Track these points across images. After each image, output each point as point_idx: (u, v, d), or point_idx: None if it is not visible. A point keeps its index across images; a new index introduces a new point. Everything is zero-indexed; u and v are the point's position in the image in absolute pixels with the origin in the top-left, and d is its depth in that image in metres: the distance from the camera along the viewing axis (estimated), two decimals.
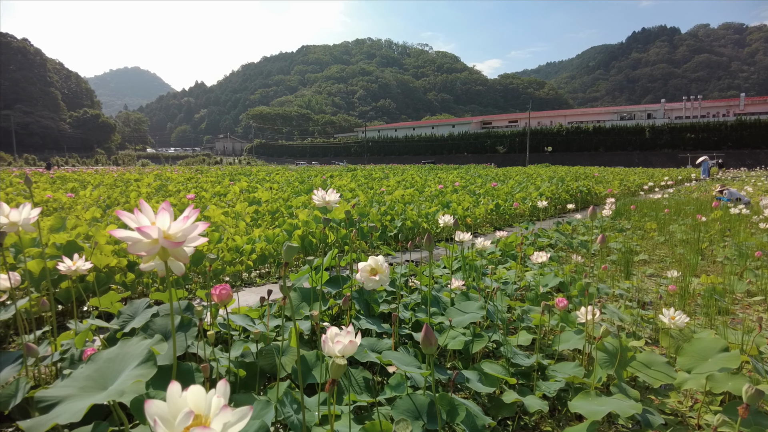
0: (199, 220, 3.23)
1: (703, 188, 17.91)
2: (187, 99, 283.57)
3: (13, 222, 1.88)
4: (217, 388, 0.74)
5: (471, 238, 3.83)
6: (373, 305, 2.76)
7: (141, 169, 34.65)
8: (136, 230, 1.06)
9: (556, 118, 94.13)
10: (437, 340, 1.05)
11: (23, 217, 1.89)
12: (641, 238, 7.26)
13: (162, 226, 1.09)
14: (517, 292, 3.88)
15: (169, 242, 1.08)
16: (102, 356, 1.30)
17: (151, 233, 1.06)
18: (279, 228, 4.87)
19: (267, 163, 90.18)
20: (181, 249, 1.12)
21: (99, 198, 9.58)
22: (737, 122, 62.68)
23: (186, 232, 1.11)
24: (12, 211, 1.87)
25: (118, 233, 1.08)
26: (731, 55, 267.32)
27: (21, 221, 1.89)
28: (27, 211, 1.91)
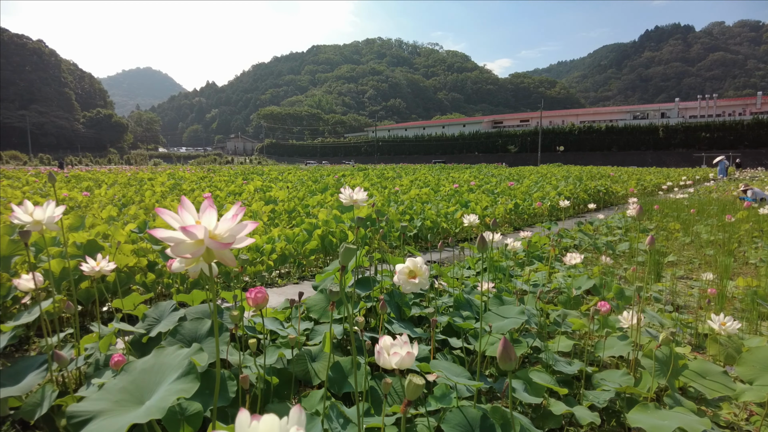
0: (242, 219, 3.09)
1: (722, 188, 17.56)
2: (198, 99, 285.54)
3: (37, 220, 1.79)
4: (290, 417, 0.63)
5: (501, 239, 3.71)
6: (404, 308, 2.65)
7: (153, 168, 34.85)
8: (179, 230, 0.95)
9: (568, 118, 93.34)
10: (516, 356, 0.94)
11: (47, 216, 1.80)
12: (666, 239, 7.06)
13: (208, 225, 0.98)
14: (548, 295, 3.75)
15: (215, 243, 0.97)
16: (136, 366, 1.19)
17: (196, 233, 0.95)
18: (299, 227, 4.78)
19: (278, 162, 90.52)
20: (227, 251, 1.01)
21: (114, 197, 9.57)
22: (754, 121, 61.61)
23: (234, 232, 1.00)
24: (36, 209, 1.79)
25: (159, 233, 0.97)
26: (747, 53, 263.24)
27: (45, 220, 1.80)
28: (51, 209, 1.82)
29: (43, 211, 1.80)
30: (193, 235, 0.95)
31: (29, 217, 1.79)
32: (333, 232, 4.78)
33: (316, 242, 4.53)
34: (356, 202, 2.94)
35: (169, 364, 1.16)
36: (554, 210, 9.57)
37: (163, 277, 3.47)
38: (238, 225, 1.00)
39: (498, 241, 3.62)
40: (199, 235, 0.95)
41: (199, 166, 49.23)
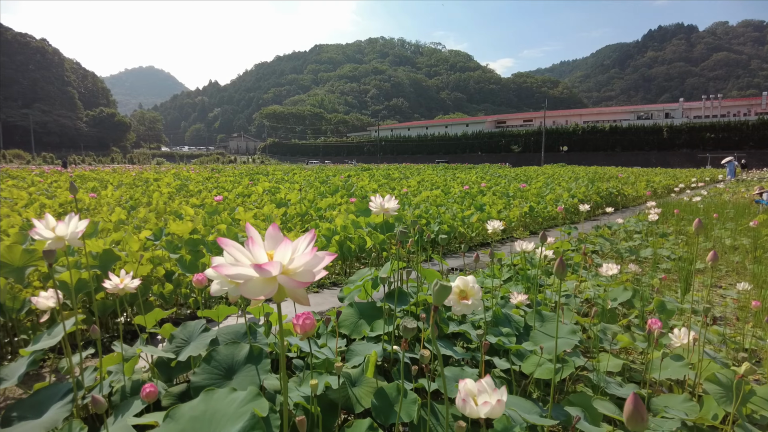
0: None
1: (732, 190, 17.36)
2: (200, 98, 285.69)
3: (59, 236, 1.65)
4: None
5: (533, 247, 3.55)
6: (442, 325, 2.50)
7: (157, 167, 34.75)
8: (252, 268, 0.80)
9: (571, 118, 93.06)
10: (647, 416, 0.79)
11: (71, 231, 1.66)
12: (686, 244, 6.90)
13: (282, 259, 0.83)
14: (581, 307, 3.59)
15: (292, 282, 0.82)
16: (183, 413, 1.05)
17: (271, 270, 0.80)
18: (317, 233, 4.63)
19: (280, 162, 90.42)
20: (303, 290, 0.86)
21: (121, 198, 9.44)
22: (759, 121, 61.25)
23: (310, 267, 0.85)
24: (59, 225, 1.64)
25: (225, 270, 0.82)
26: (751, 53, 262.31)
27: (68, 236, 1.65)
28: (74, 223, 1.68)
29: (66, 227, 1.65)
30: (268, 273, 0.80)
31: (51, 233, 1.64)
32: (351, 238, 4.63)
33: (334, 248, 4.38)
34: (387, 211, 2.79)
35: (224, 413, 1.01)
36: (569, 213, 9.41)
37: (180, 287, 3.33)
38: (315, 258, 0.84)
39: (531, 249, 3.46)
40: (273, 272, 0.80)
41: (202, 165, 49.14)
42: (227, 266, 0.82)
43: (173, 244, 3.42)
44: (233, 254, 0.84)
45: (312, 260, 0.84)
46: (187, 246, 3.47)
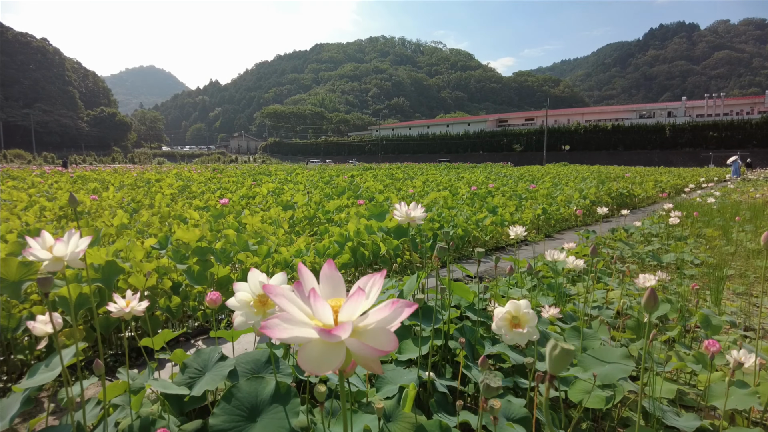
0: None
1: (741, 189, 17.12)
2: (201, 97, 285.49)
3: (58, 258, 1.44)
4: None
5: (564, 257, 3.33)
6: (478, 347, 2.28)
7: (158, 167, 34.55)
8: (316, 331, 0.58)
9: (573, 116, 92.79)
10: None
11: (71, 251, 1.45)
12: (707, 248, 6.68)
13: (350, 316, 0.62)
14: (614, 320, 3.37)
15: (369, 348, 0.60)
16: None
17: (341, 334, 0.58)
18: (328, 239, 4.42)
19: (281, 161, 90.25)
20: (378, 360, 0.64)
21: (122, 200, 9.24)
22: (763, 120, 60.98)
23: (385, 323, 0.64)
24: (57, 245, 1.43)
25: (277, 332, 0.60)
26: (752, 52, 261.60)
27: (68, 256, 1.44)
28: (75, 242, 1.46)
29: (65, 246, 1.44)
30: (336, 338, 0.58)
31: (48, 254, 1.43)
32: (364, 243, 4.42)
33: (348, 255, 4.17)
34: (413, 220, 2.57)
35: None
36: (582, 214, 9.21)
37: (188, 300, 3.12)
38: (394, 311, 0.63)
39: (562, 259, 3.25)
40: (342, 335, 0.58)
41: (203, 165, 48.96)
42: (280, 327, 0.60)
43: (180, 253, 3.21)
44: (285, 307, 0.63)
45: (391, 314, 0.63)
46: (194, 255, 3.27)
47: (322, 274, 0.72)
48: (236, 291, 1.29)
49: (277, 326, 0.60)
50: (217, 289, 3.39)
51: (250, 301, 1.28)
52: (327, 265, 0.73)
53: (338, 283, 0.72)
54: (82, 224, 5.41)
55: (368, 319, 0.62)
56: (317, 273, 2.59)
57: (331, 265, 0.73)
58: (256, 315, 1.27)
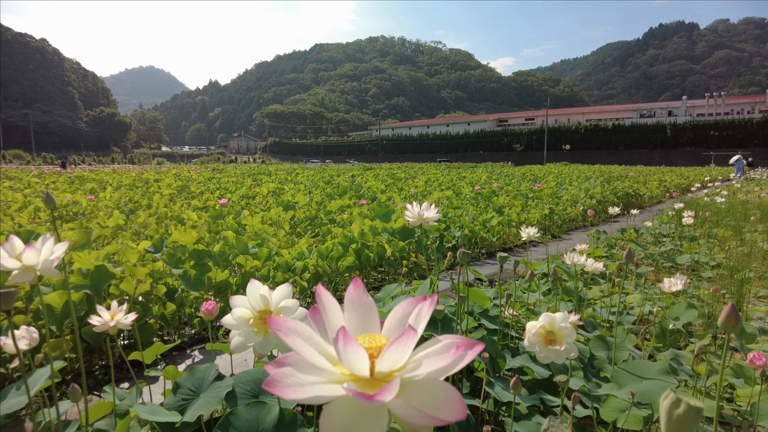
0: None
1: (746, 189, 16.94)
2: (201, 97, 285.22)
3: (28, 266, 1.25)
4: None
5: (585, 260, 3.14)
6: (499, 360, 2.09)
7: (158, 167, 34.35)
8: (350, 393, 0.39)
9: (573, 116, 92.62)
10: None
11: (43, 259, 1.26)
12: (719, 249, 6.49)
13: (393, 365, 0.43)
14: (637, 326, 3.19)
15: (412, 411, 0.41)
16: None
17: (383, 398, 0.39)
18: (331, 240, 4.23)
19: (281, 161, 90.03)
20: (432, 424, 0.45)
21: (120, 200, 9.05)
22: (764, 119, 60.82)
23: (440, 374, 0.45)
24: (27, 251, 1.24)
25: (291, 393, 0.41)
26: (752, 51, 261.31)
27: (40, 264, 1.26)
28: (48, 248, 1.28)
29: (36, 253, 1.25)
30: (378, 402, 0.39)
31: (16, 262, 1.24)
32: (369, 245, 4.23)
33: (352, 258, 3.98)
34: (427, 221, 2.39)
35: None
36: (587, 214, 9.03)
37: (184, 306, 2.93)
38: (455, 359, 0.44)
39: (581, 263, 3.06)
40: (387, 399, 0.39)
41: (203, 165, 48.74)
42: (293, 383, 0.41)
43: (175, 257, 3.02)
44: (300, 349, 0.44)
45: (452, 363, 0.44)
46: (191, 258, 3.08)
47: (348, 298, 0.53)
48: (233, 306, 1.10)
49: (289, 380, 0.41)
50: (215, 294, 3.20)
51: (250, 319, 1.09)
52: (353, 287, 0.54)
53: (369, 311, 0.53)
54: (75, 225, 5.23)
55: (420, 369, 0.43)
56: (319, 277, 2.38)
57: (359, 285, 0.54)
58: (257, 335, 1.08)
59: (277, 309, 1.10)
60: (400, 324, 0.51)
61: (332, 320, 0.50)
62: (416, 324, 0.48)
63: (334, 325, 0.49)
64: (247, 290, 1.11)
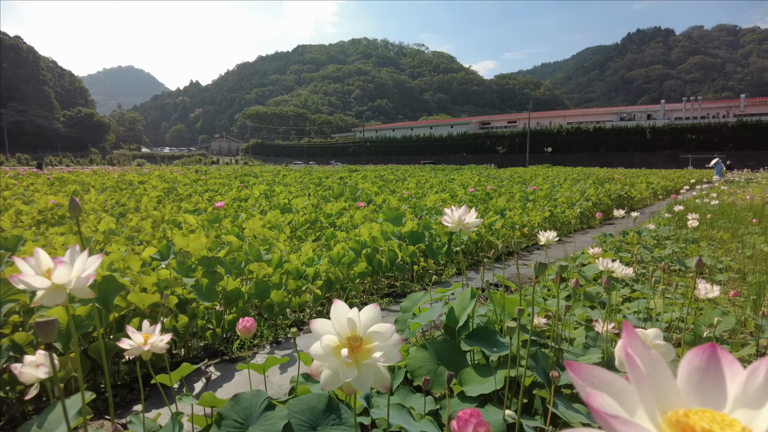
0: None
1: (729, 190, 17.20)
2: (182, 98, 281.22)
3: (58, 285, 1.05)
4: None
5: (618, 265, 3.02)
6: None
7: (139, 169, 33.62)
8: None
9: (555, 119, 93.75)
10: None
11: (76, 276, 1.06)
12: (720, 251, 6.48)
13: None
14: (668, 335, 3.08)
15: None
16: None
17: None
18: (342, 244, 4.04)
19: (264, 163, 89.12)
20: None
21: (106, 203, 8.71)
22: (739, 123, 62.39)
23: None
24: (58, 267, 1.04)
25: None
26: (725, 57, 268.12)
27: (73, 283, 1.06)
28: (81, 263, 1.08)
29: (68, 269, 1.06)
30: None
31: (45, 281, 1.05)
32: (380, 250, 4.06)
33: (364, 264, 3.81)
34: (467, 227, 2.23)
35: None
36: (584, 216, 9.01)
37: (196, 319, 2.72)
38: None
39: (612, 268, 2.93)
40: None
41: (185, 166, 47.92)
42: None
43: (185, 265, 2.81)
44: None
45: None
46: (200, 265, 2.87)
47: (644, 359, 0.37)
48: (316, 332, 0.93)
49: None
50: (225, 305, 2.99)
51: (339, 347, 0.92)
52: (633, 343, 0.38)
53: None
54: (65, 230, 4.95)
55: None
56: (332, 284, 2.16)
57: (632, 335, 0.38)
58: (349, 367, 0.91)
59: (368, 335, 0.93)
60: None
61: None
62: None
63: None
64: (332, 313, 0.94)
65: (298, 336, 3.08)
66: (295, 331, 1.63)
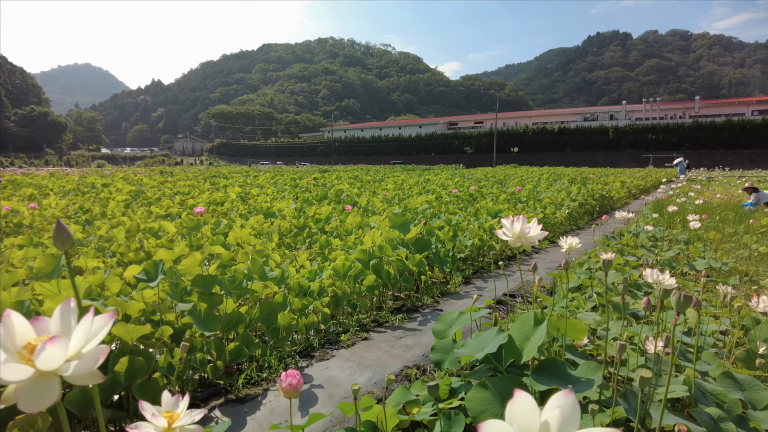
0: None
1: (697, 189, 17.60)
2: (143, 97, 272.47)
3: (45, 372, 0.65)
4: None
5: (668, 277, 2.75)
6: (647, 419, 1.63)
7: (100, 170, 32.06)
8: None
9: (521, 119, 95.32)
10: None
11: (74, 352, 0.67)
12: (714, 251, 6.41)
13: None
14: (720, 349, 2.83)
15: None
16: None
17: None
18: (342, 254, 3.64)
19: (230, 163, 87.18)
20: None
21: (68, 208, 8.01)
22: (694, 124, 64.94)
23: None
24: (49, 345, 0.64)
25: None
26: (678, 61, 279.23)
27: (72, 367, 0.66)
28: (84, 330, 0.69)
29: (61, 347, 0.66)
30: None
31: (24, 369, 0.64)
32: (389, 260, 3.70)
33: (373, 276, 3.43)
34: (531, 241, 1.90)
35: None
36: (571, 217, 8.89)
37: (195, 352, 2.29)
38: None
39: (663, 279, 2.67)
40: None
41: (148, 167, 46.16)
42: None
43: (179, 288, 2.37)
44: None
45: None
46: (195, 286, 2.44)
47: None
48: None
49: None
50: (223, 331, 2.57)
51: None
52: None
53: None
54: (23, 241, 4.38)
55: None
56: (339, 300, 1.67)
57: None
58: None
59: None
60: None
61: None
62: None
63: None
64: (510, 411, 0.58)
65: (310, 365, 2.68)
66: None
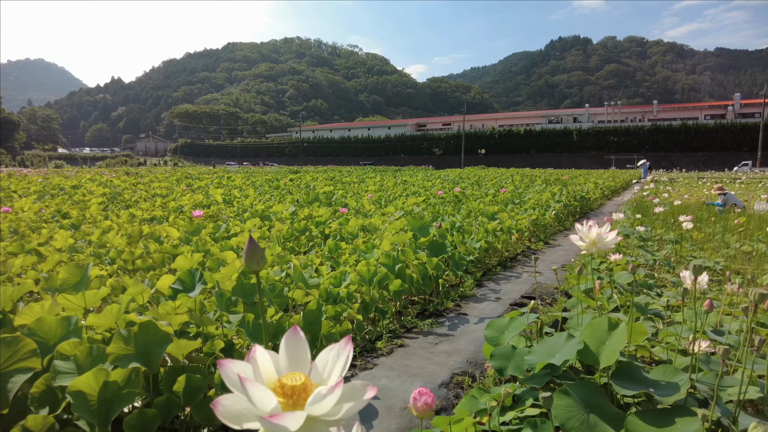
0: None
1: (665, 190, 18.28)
2: (102, 96, 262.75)
3: (317, 419, 0.57)
4: None
5: (704, 277, 2.78)
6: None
7: (59, 171, 30.68)
8: None
9: (487, 121, 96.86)
10: None
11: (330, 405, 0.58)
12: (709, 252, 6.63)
13: None
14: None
15: None
16: None
17: None
18: (365, 260, 3.56)
19: (195, 163, 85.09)
20: None
21: (42, 212, 7.60)
22: (653, 127, 67.52)
23: None
24: (330, 393, 0.55)
25: None
26: (635, 66, 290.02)
27: (345, 413, 0.58)
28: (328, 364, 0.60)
29: (333, 396, 0.58)
30: None
31: (297, 416, 0.56)
32: (412, 264, 3.64)
33: (399, 281, 3.37)
34: (607, 246, 1.88)
35: None
36: (558, 218, 9.06)
37: None
38: None
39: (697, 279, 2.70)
40: None
41: (110, 168, 44.54)
42: None
43: (224, 298, 2.25)
44: None
45: None
46: (237, 296, 2.33)
47: None
48: None
49: None
50: (268, 342, 2.45)
51: None
52: None
53: None
54: (15, 249, 4.11)
55: None
56: (368, 306, 1.65)
57: None
58: None
59: None
60: None
61: None
62: None
63: None
64: None
65: (355, 375, 2.60)
66: None
